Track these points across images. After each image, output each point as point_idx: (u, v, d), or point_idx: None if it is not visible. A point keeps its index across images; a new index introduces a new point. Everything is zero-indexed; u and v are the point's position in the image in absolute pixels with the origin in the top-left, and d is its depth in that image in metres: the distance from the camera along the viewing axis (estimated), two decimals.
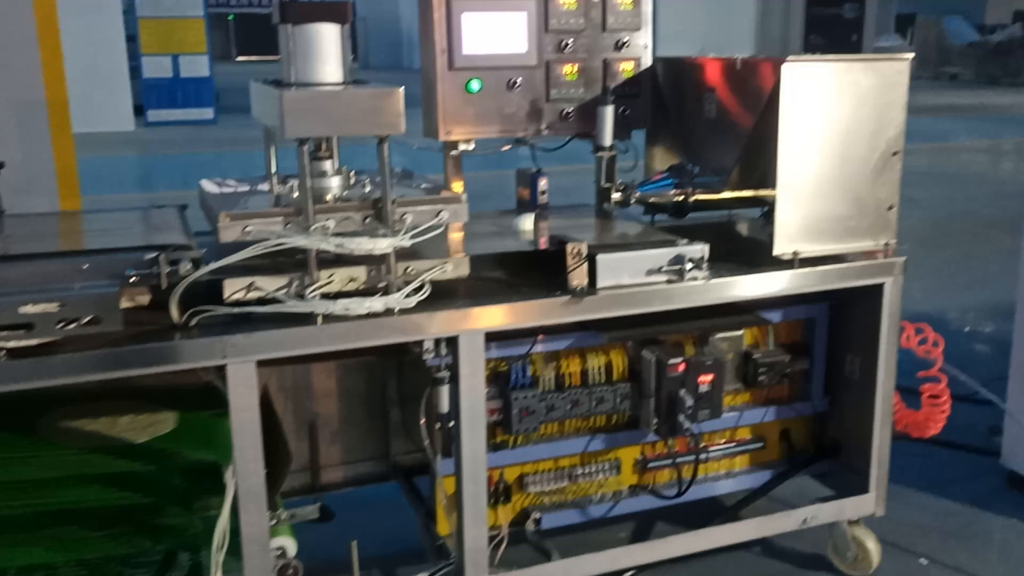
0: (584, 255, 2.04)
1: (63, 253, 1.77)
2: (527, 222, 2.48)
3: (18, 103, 4.96)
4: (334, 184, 2.03)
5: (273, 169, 2.26)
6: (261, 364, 1.84)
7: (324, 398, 2.51)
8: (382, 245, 1.84)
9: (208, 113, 14.09)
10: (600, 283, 2.07)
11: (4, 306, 1.63)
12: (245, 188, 2.19)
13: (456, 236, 2.23)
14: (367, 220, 1.92)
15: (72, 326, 1.68)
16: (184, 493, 2.03)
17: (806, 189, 2.23)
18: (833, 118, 2.22)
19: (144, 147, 12.51)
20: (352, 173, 2.10)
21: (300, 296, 1.84)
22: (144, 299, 1.83)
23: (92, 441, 2.02)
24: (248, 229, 1.83)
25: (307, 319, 1.86)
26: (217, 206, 1.91)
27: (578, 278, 2.04)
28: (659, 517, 2.68)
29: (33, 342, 1.66)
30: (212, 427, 2.14)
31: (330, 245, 1.81)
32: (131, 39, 13.30)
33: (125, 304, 1.76)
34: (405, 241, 1.86)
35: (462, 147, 2.44)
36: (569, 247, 2.04)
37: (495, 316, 2.00)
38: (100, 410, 2.02)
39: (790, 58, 2.15)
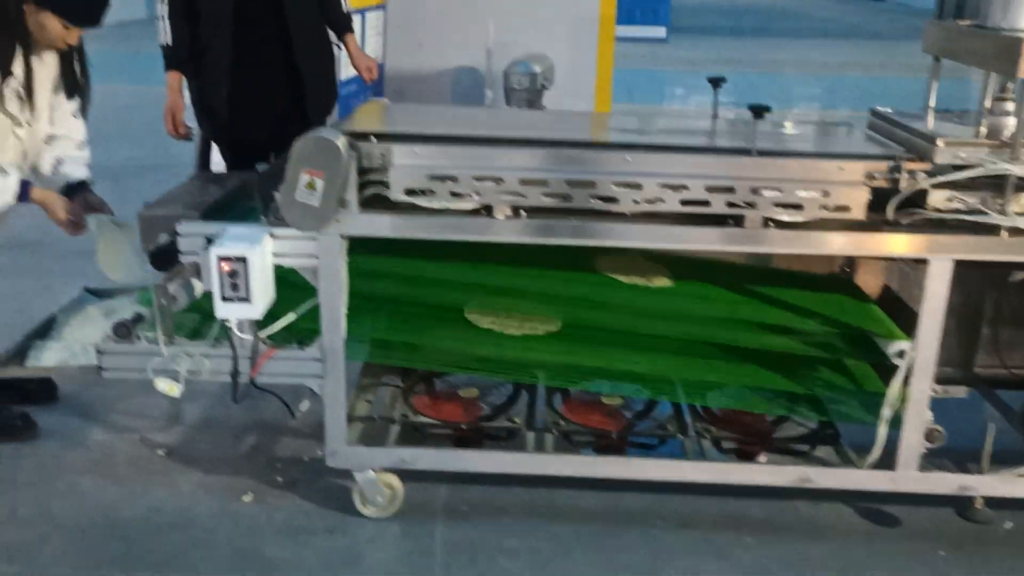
0: None
1: (821, 154, 2.29)
2: None
3: (575, 17, 5.84)
4: (1011, 123, 2.34)
5: (932, 102, 2.62)
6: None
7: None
8: None
9: (661, 32, 14.80)
10: None
11: (784, 190, 2.20)
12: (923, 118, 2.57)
13: None
14: None
15: (825, 211, 2.22)
16: (839, 353, 2.56)
17: None
18: None
19: None
20: None
21: (1000, 212, 2.22)
22: (865, 196, 2.30)
23: None
24: (961, 154, 2.23)
25: (993, 230, 2.23)
26: (923, 132, 2.33)
27: None
28: None
29: (799, 219, 2.23)
30: (854, 308, 2.64)
31: None
32: None
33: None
34: None
35: None
36: None
37: None
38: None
39: None
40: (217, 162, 4.76)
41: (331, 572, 2.35)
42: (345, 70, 4.18)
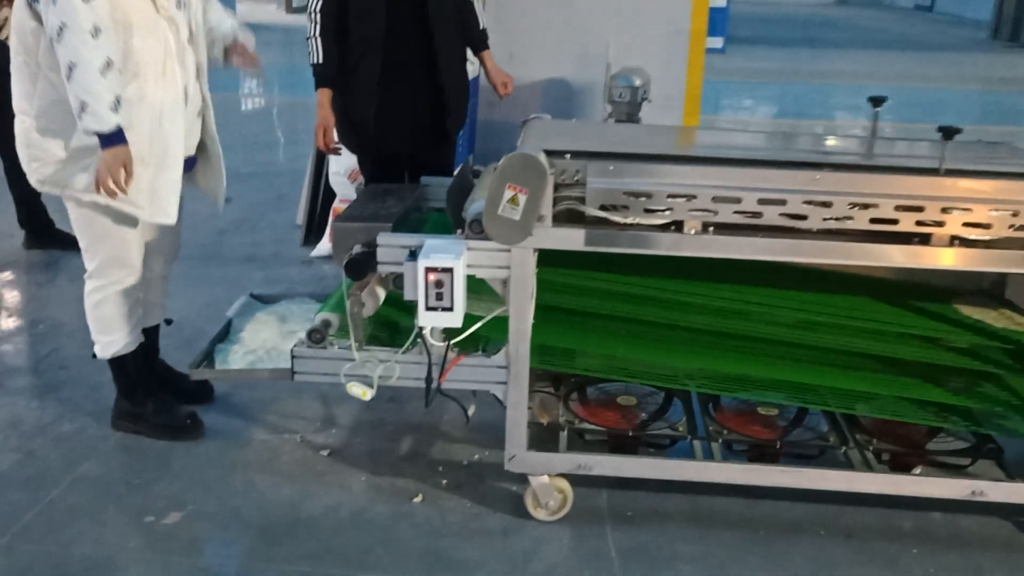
0: None
1: (1010, 174, 2.34)
2: None
3: (667, 31, 5.90)
4: None
5: None
6: None
7: None
8: None
9: (718, 42, 14.81)
10: None
11: (974, 210, 2.26)
12: None
13: None
14: None
15: (1012, 229, 2.28)
16: (1005, 368, 2.61)
17: None
18: None
19: None
20: None
21: None
22: None
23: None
24: None
25: None
26: None
27: None
28: None
29: (986, 237, 2.29)
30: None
31: None
32: None
33: None
34: None
35: None
36: None
37: None
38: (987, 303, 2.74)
39: None
40: (335, 172, 4.90)
41: (518, 571, 2.43)
42: None
